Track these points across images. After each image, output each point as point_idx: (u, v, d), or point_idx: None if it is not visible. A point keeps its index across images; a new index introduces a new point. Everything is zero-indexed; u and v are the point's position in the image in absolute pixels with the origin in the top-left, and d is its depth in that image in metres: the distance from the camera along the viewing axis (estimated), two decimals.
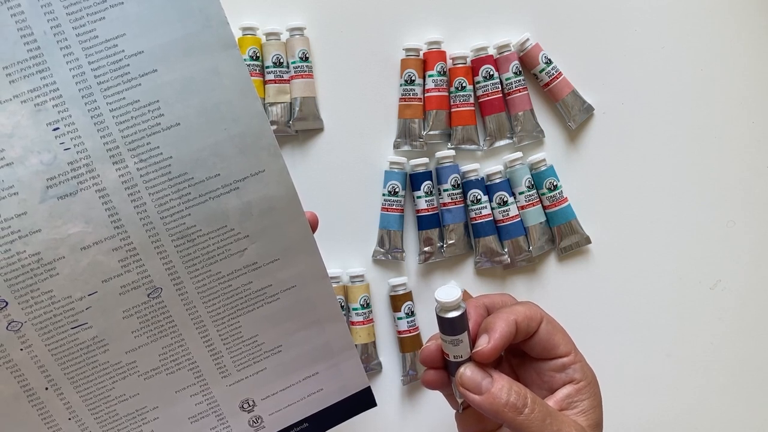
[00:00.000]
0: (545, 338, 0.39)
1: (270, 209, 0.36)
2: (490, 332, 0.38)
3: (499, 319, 0.38)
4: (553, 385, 0.40)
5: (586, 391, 0.39)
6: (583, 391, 0.39)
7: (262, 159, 0.35)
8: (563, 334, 0.40)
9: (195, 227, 0.35)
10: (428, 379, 0.41)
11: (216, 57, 0.33)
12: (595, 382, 0.40)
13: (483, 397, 0.37)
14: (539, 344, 0.39)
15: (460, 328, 0.37)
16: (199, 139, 0.34)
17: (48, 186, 0.32)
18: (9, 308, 0.33)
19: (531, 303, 0.41)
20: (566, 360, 0.39)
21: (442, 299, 0.37)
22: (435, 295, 0.37)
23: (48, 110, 0.32)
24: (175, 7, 0.32)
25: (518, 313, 0.39)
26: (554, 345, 0.39)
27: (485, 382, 0.37)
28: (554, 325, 0.40)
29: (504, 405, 0.36)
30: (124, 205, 0.33)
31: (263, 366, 0.39)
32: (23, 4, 0.31)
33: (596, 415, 0.39)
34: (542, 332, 0.39)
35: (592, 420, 0.38)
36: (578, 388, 0.39)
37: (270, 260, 0.37)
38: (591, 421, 0.38)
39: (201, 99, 0.33)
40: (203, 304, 0.36)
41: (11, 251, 0.32)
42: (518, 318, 0.38)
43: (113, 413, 0.37)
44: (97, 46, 0.32)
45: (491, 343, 0.37)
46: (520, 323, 0.38)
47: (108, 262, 0.34)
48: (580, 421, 0.38)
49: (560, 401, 0.39)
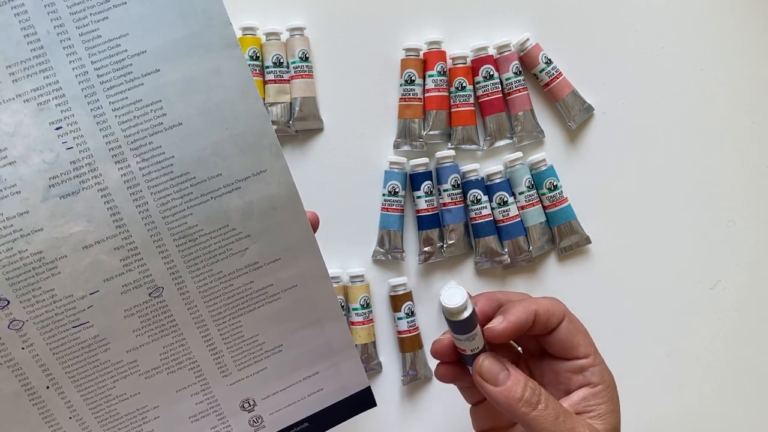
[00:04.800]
0: (565, 337, 0.39)
1: (271, 209, 0.36)
2: (505, 315, 0.37)
3: (519, 305, 0.38)
4: (570, 387, 0.39)
5: (603, 395, 0.38)
6: (599, 395, 0.38)
7: (263, 159, 0.35)
8: (585, 335, 0.39)
9: (197, 227, 0.35)
10: (442, 373, 0.41)
11: (218, 57, 0.33)
12: (613, 386, 0.39)
13: (499, 390, 0.37)
14: (559, 342, 0.39)
15: (471, 326, 0.37)
16: (200, 138, 0.34)
17: (50, 185, 0.32)
18: (10, 307, 0.33)
19: (556, 299, 0.40)
20: (585, 362, 0.39)
21: (450, 305, 0.36)
22: (441, 301, 0.36)
23: (51, 109, 0.32)
24: (177, 7, 0.32)
25: (540, 305, 0.38)
26: (574, 345, 0.39)
27: (502, 375, 0.37)
28: (576, 325, 0.39)
29: (518, 399, 0.36)
30: (126, 204, 0.33)
31: (264, 365, 0.39)
32: (27, 3, 0.31)
33: (613, 420, 0.38)
34: (563, 330, 0.39)
35: (609, 425, 0.38)
36: (595, 392, 0.38)
37: (271, 260, 0.37)
38: (608, 426, 0.38)
39: (203, 98, 0.33)
40: (204, 303, 0.36)
41: (13, 250, 0.32)
42: (539, 309, 0.38)
43: (114, 412, 0.37)
44: (100, 46, 0.32)
45: (504, 323, 0.37)
46: (540, 315, 0.38)
47: (109, 261, 0.34)
48: (596, 425, 0.37)
49: (576, 404, 0.38)
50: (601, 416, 0.38)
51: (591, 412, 0.38)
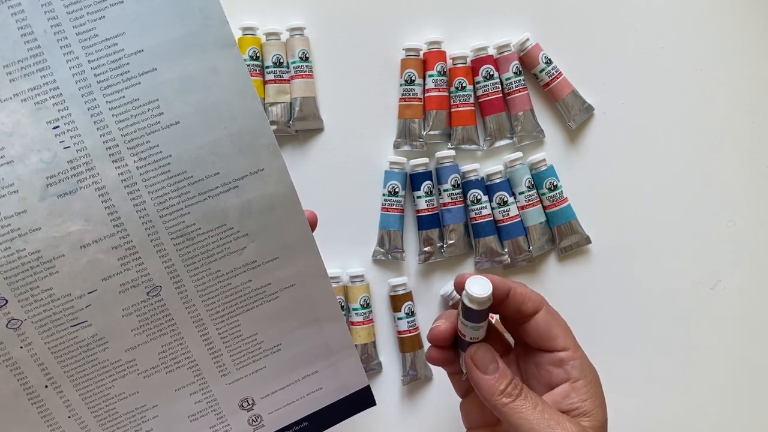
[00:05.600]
0: (543, 327, 0.39)
1: (269, 208, 0.36)
2: None
3: (497, 277, 0.38)
4: (552, 381, 0.39)
5: (585, 391, 0.38)
6: (581, 391, 0.38)
7: (261, 157, 0.35)
8: (564, 328, 0.40)
9: (194, 225, 0.35)
10: (434, 356, 0.41)
11: (215, 56, 0.33)
12: (596, 382, 0.39)
13: (485, 378, 0.37)
14: (535, 331, 0.39)
15: (485, 317, 0.37)
16: (198, 137, 0.34)
17: (48, 184, 0.32)
18: (9, 306, 0.33)
19: (539, 294, 0.41)
20: (564, 355, 0.39)
21: (477, 294, 0.36)
22: (467, 288, 0.36)
23: (48, 109, 0.32)
24: (175, 6, 0.32)
25: (518, 286, 0.39)
26: (552, 336, 0.39)
27: (492, 366, 0.37)
28: (555, 317, 0.40)
29: (501, 391, 0.37)
30: (123, 203, 0.33)
31: (263, 364, 0.39)
32: (24, 3, 0.31)
33: (600, 416, 0.38)
34: (540, 319, 0.39)
35: (596, 421, 0.38)
36: (576, 387, 0.38)
37: (269, 259, 0.37)
38: (595, 422, 0.38)
39: (200, 98, 0.33)
40: (202, 302, 0.36)
41: (11, 249, 0.32)
42: (516, 288, 0.38)
43: (113, 411, 0.37)
44: (97, 45, 0.32)
45: None
46: (515, 294, 0.38)
47: (107, 260, 0.34)
48: (583, 422, 0.37)
49: (559, 401, 0.38)
50: (586, 414, 0.38)
51: (576, 410, 0.38)
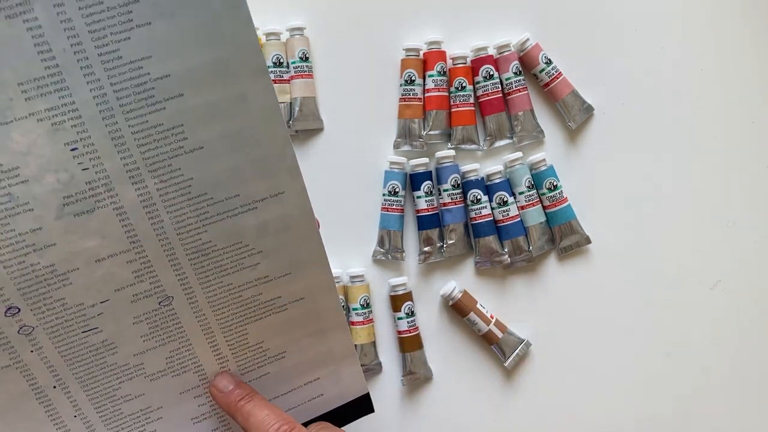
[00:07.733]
0: None
1: (286, 228, 0.35)
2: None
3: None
4: None
5: None
6: None
7: (282, 181, 0.34)
8: None
9: (210, 242, 0.34)
10: None
11: (244, 83, 0.32)
12: None
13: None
14: None
15: None
16: (221, 162, 0.33)
17: (64, 204, 0.31)
18: (21, 314, 0.33)
19: None
20: None
21: None
22: None
23: (66, 130, 0.30)
24: (205, 31, 0.31)
25: None
26: None
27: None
28: None
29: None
30: (141, 222, 0.33)
31: (266, 371, 0.39)
32: (41, 18, 0.28)
33: None
34: None
35: None
36: None
37: (281, 274, 0.37)
38: None
39: (226, 124, 0.32)
40: (213, 312, 0.36)
41: (25, 263, 0.32)
42: None
43: (118, 412, 0.37)
44: (121, 68, 0.30)
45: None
46: None
47: (121, 273, 0.34)
48: None
49: None
50: None
51: None
